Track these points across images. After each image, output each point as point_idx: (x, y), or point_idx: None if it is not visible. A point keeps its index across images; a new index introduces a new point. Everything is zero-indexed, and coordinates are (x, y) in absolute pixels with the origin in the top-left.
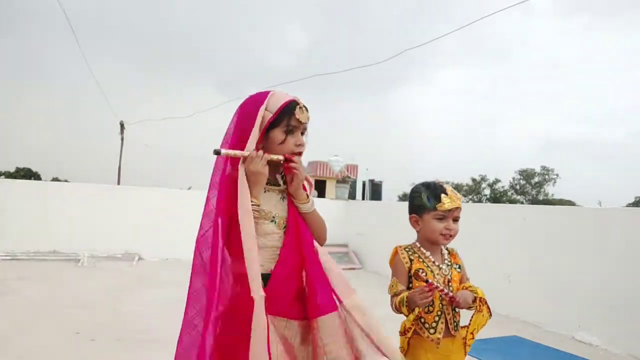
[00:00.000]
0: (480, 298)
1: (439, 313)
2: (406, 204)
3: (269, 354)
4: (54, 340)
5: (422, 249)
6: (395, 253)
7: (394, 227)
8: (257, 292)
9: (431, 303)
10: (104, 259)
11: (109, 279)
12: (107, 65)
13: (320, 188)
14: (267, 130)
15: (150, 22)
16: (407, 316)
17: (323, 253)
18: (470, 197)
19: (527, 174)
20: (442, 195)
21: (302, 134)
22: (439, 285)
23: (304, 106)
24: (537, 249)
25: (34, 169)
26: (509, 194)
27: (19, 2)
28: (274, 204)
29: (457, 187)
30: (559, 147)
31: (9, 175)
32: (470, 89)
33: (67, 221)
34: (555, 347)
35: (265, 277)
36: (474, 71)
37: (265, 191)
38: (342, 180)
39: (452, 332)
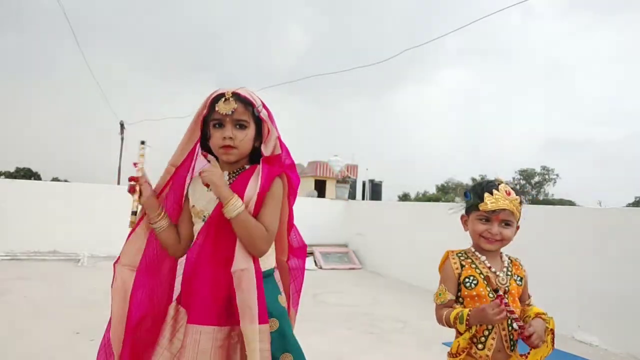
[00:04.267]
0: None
1: (490, 327)
2: (406, 204)
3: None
4: (54, 340)
5: (477, 253)
6: (446, 258)
7: (394, 227)
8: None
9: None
10: (104, 259)
11: (109, 279)
12: (107, 65)
13: (320, 188)
14: (204, 127)
15: (151, 23)
16: (461, 333)
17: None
18: None
19: (527, 174)
20: (486, 194)
21: (240, 126)
22: (506, 299)
23: (231, 97)
24: (537, 249)
25: (34, 169)
26: None
27: (19, 1)
28: (208, 201)
29: (457, 187)
30: (559, 147)
31: (9, 175)
32: (471, 89)
33: (67, 221)
34: (555, 347)
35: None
36: (474, 71)
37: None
38: (342, 180)
39: (508, 352)
